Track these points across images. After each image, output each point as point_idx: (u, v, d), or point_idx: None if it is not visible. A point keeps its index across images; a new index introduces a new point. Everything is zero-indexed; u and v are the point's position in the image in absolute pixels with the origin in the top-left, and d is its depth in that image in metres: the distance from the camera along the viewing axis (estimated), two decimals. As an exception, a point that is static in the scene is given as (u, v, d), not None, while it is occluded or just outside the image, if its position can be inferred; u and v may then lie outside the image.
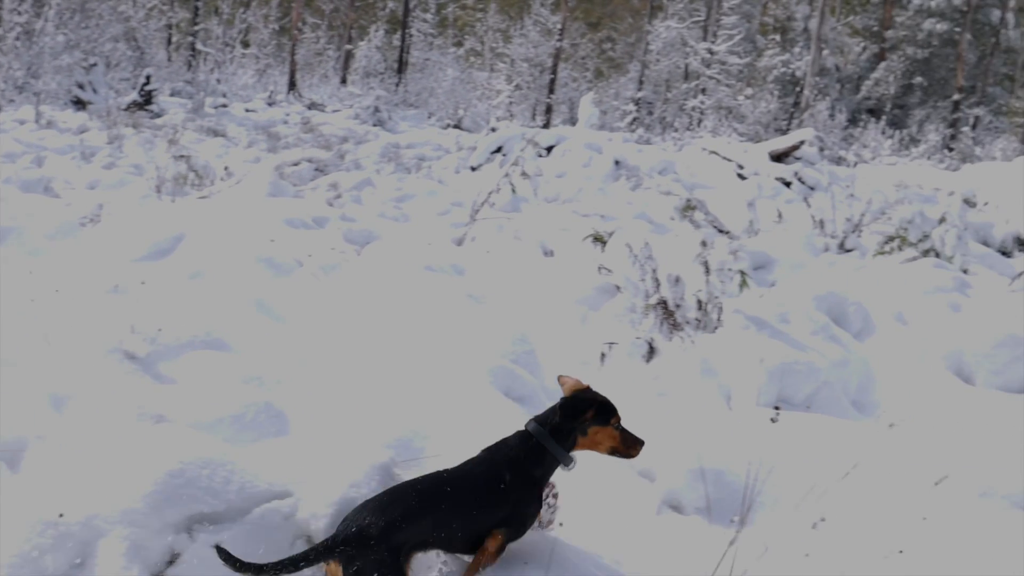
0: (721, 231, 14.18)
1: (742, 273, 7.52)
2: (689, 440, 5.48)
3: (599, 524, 4.78)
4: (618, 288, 7.92)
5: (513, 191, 10.54)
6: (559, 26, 51.54)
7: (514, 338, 6.94)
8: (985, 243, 14.48)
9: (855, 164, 33.56)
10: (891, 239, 12.10)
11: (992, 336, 7.30)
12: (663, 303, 7.35)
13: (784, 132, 39.97)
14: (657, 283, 7.50)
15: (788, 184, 21.07)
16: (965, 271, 11.72)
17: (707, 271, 7.38)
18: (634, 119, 47.39)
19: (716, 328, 7.36)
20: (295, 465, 4.51)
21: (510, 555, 4.40)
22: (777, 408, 6.28)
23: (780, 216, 14.88)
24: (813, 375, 6.87)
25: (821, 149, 35.71)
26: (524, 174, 10.67)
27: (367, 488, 4.31)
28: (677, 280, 7.50)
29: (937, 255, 11.71)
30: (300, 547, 4.27)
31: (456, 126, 41.25)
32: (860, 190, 18.69)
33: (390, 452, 4.76)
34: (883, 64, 53.70)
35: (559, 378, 4.67)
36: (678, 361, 7.14)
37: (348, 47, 56.09)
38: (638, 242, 7.79)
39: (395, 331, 6.89)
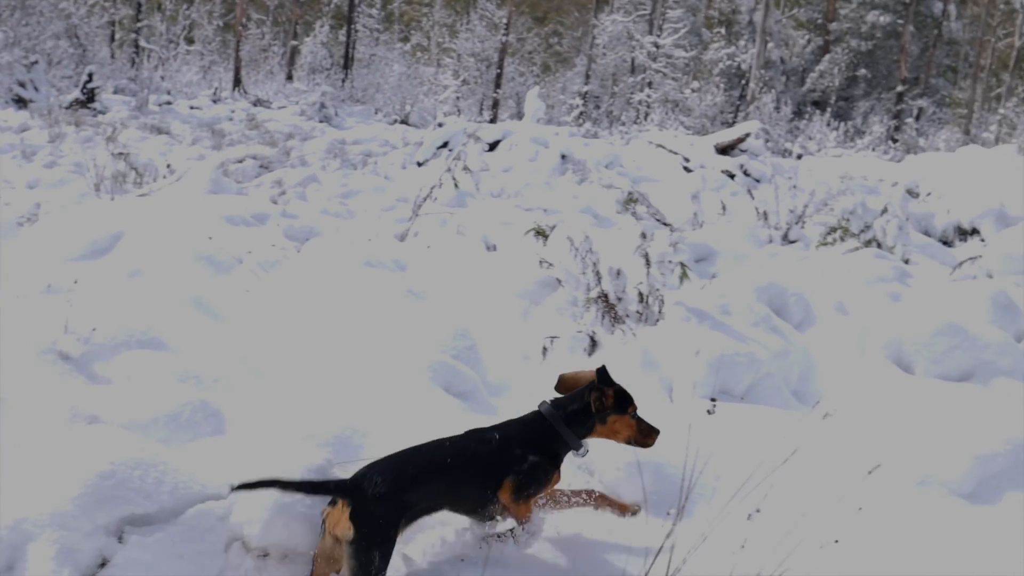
0: (664, 223, 14.21)
1: (682, 265, 7.53)
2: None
3: (536, 519, 4.75)
4: (559, 282, 7.91)
5: (456, 186, 10.49)
6: (505, 21, 51.49)
7: (455, 333, 6.92)
8: (927, 233, 14.61)
9: (800, 156, 33.78)
10: (833, 230, 12.17)
11: (931, 325, 7.34)
12: (604, 296, 7.35)
13: (730, 125, 40.18)
14: (598, 276, 7.48)
15: (733, 176, 21.17)
16: (906, 261, 11.80)
17: (647, 263, 7.37)
18: (581, 113, 47.43)
19: (657, 320, 7.36)
20: (231, 465, 4.45)
21: (448, 553, 4.41)
22: (714, 400, 6.30)
23: (724, 208, 14.94)
24: (754, 366, 6.89)
25: (767, 141, 35.94)
26: (466, 168, 10.63)
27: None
28: (618, 273, 7.49)
29: (879, 245, 11.79)
30: (236, 550, 4.23)
31: (403, 122, 41.21)
32: (805, 182, 18.80)
33: (327, 452, 4.72)
34: (827, 56, 54.09)
35: (560, 377, 4.89)
36: (620, 354, 7.13)
37: (294, 43, 55.85)
38: (579, 235, 7.77)
39: (334, 328, 6.84)
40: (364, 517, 3.95)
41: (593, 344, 7.34)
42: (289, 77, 53.12)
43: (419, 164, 22.82)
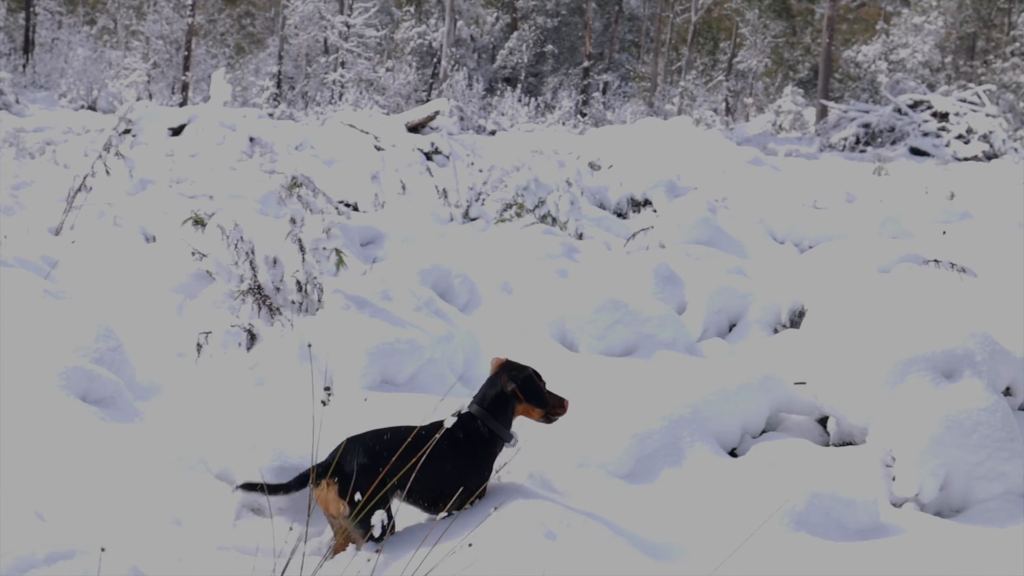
0: (345, 205, 13.88)
1: (337, 251, 7.20)
2: (274, 434, 5.14)
3: (165, 543, 4.38)
4: (209, 274, 7.47)
5: (107, 173, 9.84)
6: (190, 2, 49.91)
7: (97, 334, 6.42)
8: (602, 206, 14.75)
9: (494, 132, 34.08)
10: (509, 206, 12.10)
11: (593, 301, 7.28)
12: (257, 287, 6.97)
13: (424, 103, 40.12)
14: (253, 266, 7.09)
15: (427, 155, 21.07)
16: (580, 235, 11.84)
17: (302, 250, 7.03)
18: (276, 95, 46.57)
19: (317, 310, 7.03)
20: None
21: None
22: (327, 389, 6.06)
23: (404, 187, 14.71)
24: (415, 353, 6.67)
25: (461, 119, 36.13)
26: (119, 155, 10.00)
27: None
28: (275, 262, 7.13)
29: (554, 221, 11.78)
30: None
31: (91, 107, 39.36)
32: (496, 158, 18.86)
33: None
34: (516, 33, 54.72)
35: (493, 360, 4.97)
36: (278, 347, 6.79)
37: (-32, 28, 52.56)
38: (230, 223, 7.34)
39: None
40: (352, 491, 4.25)
41: (252, 338, 6.96)
42: (-39, 64, 49.88)
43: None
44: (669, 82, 57.50)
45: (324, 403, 5.61)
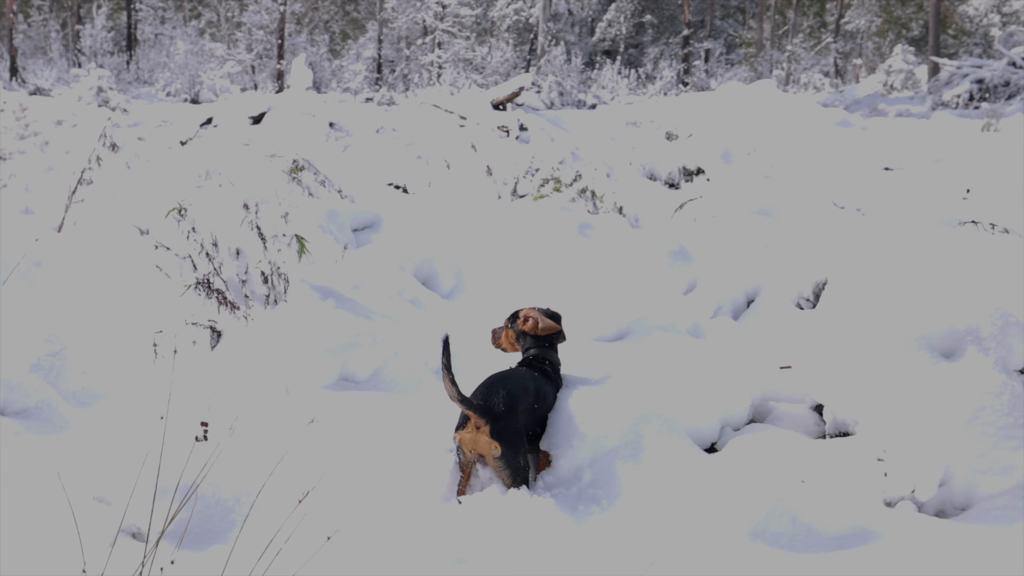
0: (395, 188, 13.40)
1: (298, 238, 6.62)
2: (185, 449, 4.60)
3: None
4: (159, 268, 6.96)
5: (99, 164, 9.41)
6: (283, -9, 50.09)
7: (40, 339, 5.94)
8: (652, 176, 13.95)
9: (594, 106, 33.41)
10: (546, 181, 11.40)
11: (586, 284, 6.58)
12: (207, 281, 6.44)
13: (523, 80, 39.55)
14: (210, 258, 6.57)
15: (509, 132, 20.50)
16: (620, 210, 11.07)
17: (262, 238, 6.48)
18: (377, 79, 46.49)
19: (282, 302, 6.48)
20: None
21: None
22: (204, 424, 5.44)
23: (449, 167, 14.06)
24: (377, 347, 6.05)
25: (561, 93, 35.53)
26: (114, 146, 9.56)
27: None
28: (238, 253, 6.60)
29: (593, 194, 11.07)
30: None
31: (194, 101, 39.67)
32: (588, 131, 18.28)
33: None
34: (613, 5, 53.85)
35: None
36: (235, 345, 6.25)
37: (78, 27, 53.47)
38: (188, 212, 6.82)
39: None
40: (503, 432, 4.46)
41: (218, 336, 6.44)
42: (77, 64, 50.74)
43: (182, 143, 21.56)
44: (776, 47, 55.97)
45: (198, 439, 5.01)
